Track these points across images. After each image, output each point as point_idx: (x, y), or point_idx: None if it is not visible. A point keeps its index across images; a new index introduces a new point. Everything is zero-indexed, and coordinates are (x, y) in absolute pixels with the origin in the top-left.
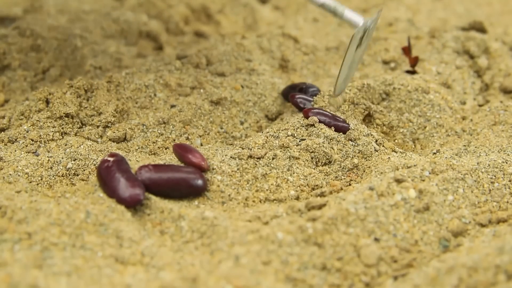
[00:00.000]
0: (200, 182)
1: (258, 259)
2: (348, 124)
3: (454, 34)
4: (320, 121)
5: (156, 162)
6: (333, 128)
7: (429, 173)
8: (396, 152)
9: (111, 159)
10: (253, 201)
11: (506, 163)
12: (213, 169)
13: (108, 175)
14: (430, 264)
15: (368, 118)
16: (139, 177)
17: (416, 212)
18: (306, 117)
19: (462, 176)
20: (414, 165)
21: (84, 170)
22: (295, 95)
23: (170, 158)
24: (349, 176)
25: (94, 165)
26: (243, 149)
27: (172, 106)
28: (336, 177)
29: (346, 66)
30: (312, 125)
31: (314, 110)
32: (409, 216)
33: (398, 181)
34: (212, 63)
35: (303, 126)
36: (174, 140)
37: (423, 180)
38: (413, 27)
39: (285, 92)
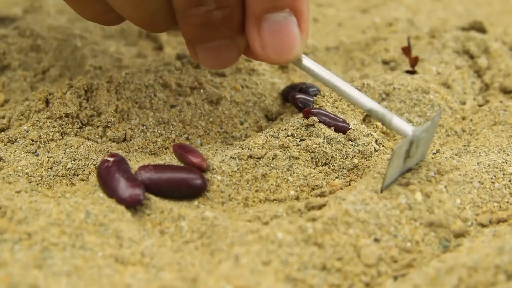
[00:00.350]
0: (200, 182)
1: (258, 259)
2: (348, 124)
3: (454, 34)
4: (320, 121)
5: (156, 162)
6: (333, 128)
7: (435, 174)
8: None
9: (111, 159)
10: (253, 201)
11: (506, 163)
12: (213, 169)
13: (108, 175)
14: (430, 264)
15: (368, 118)
16: (139, 177)
17: (420, 215)
18: (306, 117)
19: (470, 180)
20: (419, 166)
21: (84, 170)
22: (295, 95)
23: (170, 158)
24: (349, 176)
25: (94, 165)
26: (243, 149)
27: (172, 106)
28: (337, 177)
29: (392, 173)
30: (312, 125)
31: (314, 110)
32: (412, 219)
33: (404, 184)
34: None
35: (303, 126)
36: (174, 140)
37: (429, 181)
38: (413, 27)
39: (285, 92)
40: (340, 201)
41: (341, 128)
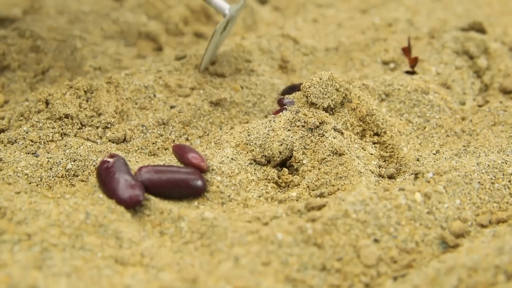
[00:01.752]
0: (199, 183)
1: (258, 259)
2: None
3: (453, 34)
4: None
5: (155, 163)
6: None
7: (433, 175)
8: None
9: (110, 160)
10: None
11: (506, 163)
12: (212, 170)
13: (108, 176)
14: (430, 264)
15: (362, 126)
16: (139, 178)
17: (420, 216)
18: (280, 104)
19: (470, 181)
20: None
21: (83, 171)
22: (283, 100)
23: (169, 159)
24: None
25: (94, 166)
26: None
27: (172, 107)
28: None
29: (212, 48)
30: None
31: (285, 100)
32: (411, 220)
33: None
34: (212, 64)
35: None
36: (174, 141)
37: (428, 182)
38: (413, 28)
39: (284, 93)
40: (340, 202)
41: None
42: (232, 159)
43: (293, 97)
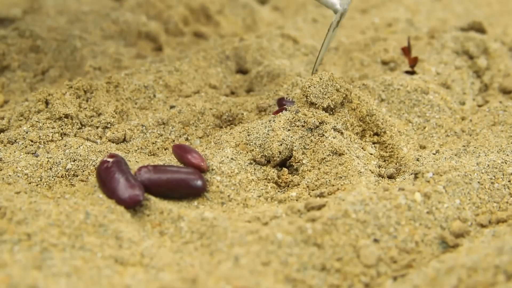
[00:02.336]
0: (199, 182)
1: (258, 259)
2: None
3: (453, 34)
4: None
5: (155, 162)
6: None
7: (433, 174)
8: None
9: (110, 160)
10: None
11: (506, 163)
12: (212, 169)
13: (108, 176)
14: (430, 264)
15: (363, 132)
16: (139, 178)
17: (419, 216)
18: (280, 104)
19: (469, 181)
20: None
21: (83, 171)
22: (282, 100)
23: (169, 159)
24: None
25: (94, 166)
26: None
27: (172, 107)
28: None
29: (326, 45)
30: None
31: (285, 101)
32: (411, 219)
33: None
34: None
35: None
36: (174, 141)
37: (428, 182)
38: (412, 28)
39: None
40: (340, 202)
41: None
42: (232, 159)
43: (293, 97)
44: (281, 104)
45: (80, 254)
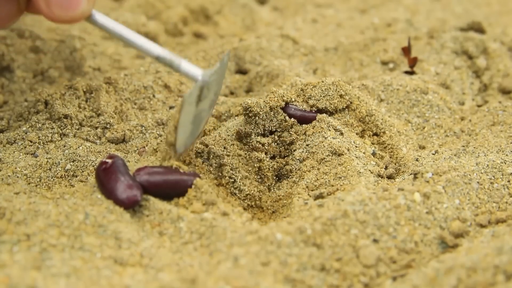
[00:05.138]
0: None
1: (257, 260)
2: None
3: (452, 34)
4: (289, 112)
5: (154, 163)
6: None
7: (432, 175)
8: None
9: (109, 161)
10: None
11: (505, 163)
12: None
13: (106, 176)
14: (429, 264)
15: (361, 126)
16: (138, 178)
17: (418, 216)
18: (284, 111)
19: (469, 181)
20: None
21: (82, 172)
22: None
23: None
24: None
25: (93, 166)
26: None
27: (171, 108)
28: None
29: (187, 124)
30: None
31: (290, 105)
32: (411, 220)
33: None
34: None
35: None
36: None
37: (428, 182)
38: (412, 28)
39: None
40: (339, 202)
41: (308, 117)
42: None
43: (297, 104)
44: (285, 111)
45: (80, 254)
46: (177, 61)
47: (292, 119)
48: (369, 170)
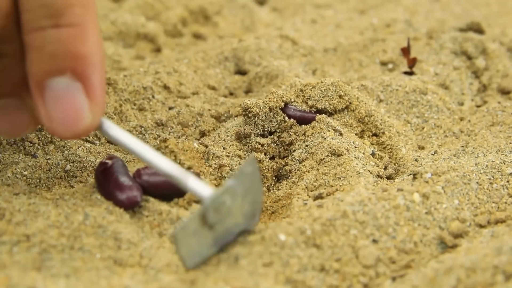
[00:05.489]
0: None
1: (259, 260)
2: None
3: (451, 35)
4: (289, 113)
5: None
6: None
7: (432, 175)
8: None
9: (109, 161)
10: None
11: (504, 163)
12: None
13: (106, 178)
14: (429, 265)
15: (360, 127)
16: (137, 179)
17: (418, 216)
18: (283, 112)
19: (468, 181)
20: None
21: (82, 172)
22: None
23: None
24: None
25: (93, 167)
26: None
27: (170, 108)
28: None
29: (204, 251)
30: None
31: (290, 105)
32: (410, 220)
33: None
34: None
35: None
36: None
37: (427, 182)
38: (411, 28)
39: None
40: (339, 202)
41: (308, 118)
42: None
43: (296, 105)
44: (284, 112)
45: (79, 255)
46: (184, 179)
47: (292, 120)
48: (369, 171)
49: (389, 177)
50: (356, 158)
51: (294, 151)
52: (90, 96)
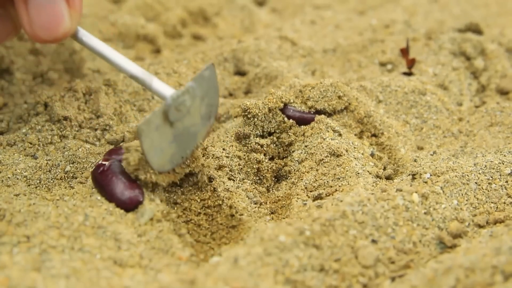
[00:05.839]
0: None
1: (259, 261)
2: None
3: (450, 35)
4: (288, 113)
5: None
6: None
7: (431, 175)
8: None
9: (106, 163)
10: None
11: (503, 164)
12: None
13: (105, 179)
14: (428, 265)
15: (360, 127)
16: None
17: (417, 216)
18: (283, 112)
19: (467, 181)
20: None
21: (82, 173)
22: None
23: None
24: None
25: (93, 168)
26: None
27: None
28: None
29: (164, 147)
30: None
31: (289, 107)
32: (409, 220)
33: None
34: None
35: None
36: None
37: (426, 182)
38: (410, 29)
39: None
40: (338, 203)
41: (307, 119)
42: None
43: (296, 106)
44: (284, 112)
45: (79, 255)
46: (148, 80)
47: (291, 120)
48: (368, 171)
49: (388, 178)
50: (355, 158)
51: (293, 151)
52: (70, 3)
